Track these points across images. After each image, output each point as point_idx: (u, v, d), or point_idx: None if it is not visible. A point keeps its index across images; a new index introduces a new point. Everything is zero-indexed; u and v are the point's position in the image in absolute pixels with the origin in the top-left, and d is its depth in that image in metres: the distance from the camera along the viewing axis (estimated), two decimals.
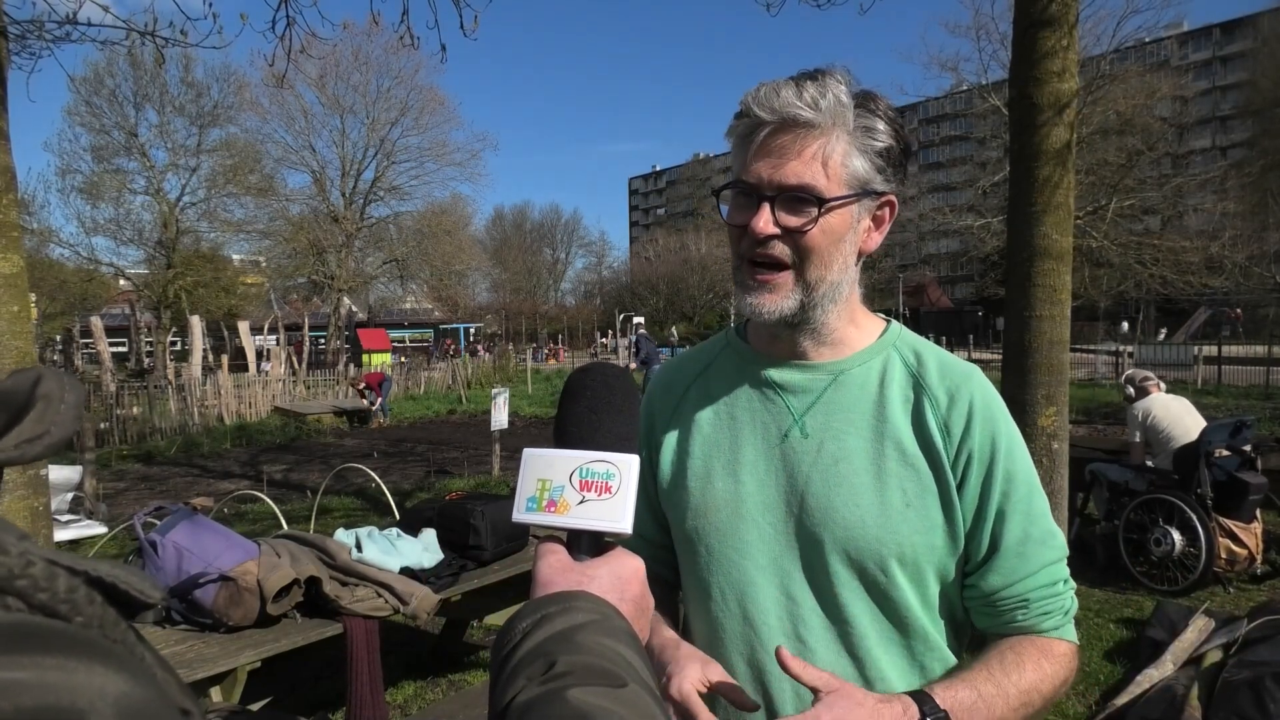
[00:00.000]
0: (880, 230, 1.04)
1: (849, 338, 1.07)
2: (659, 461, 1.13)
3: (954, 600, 1.04)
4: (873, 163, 0.97)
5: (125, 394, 15.26)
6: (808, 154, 0.94)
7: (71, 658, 0.28)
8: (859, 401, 1.04)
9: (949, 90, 26.29)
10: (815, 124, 0.93)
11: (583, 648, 0.55)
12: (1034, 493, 1.01)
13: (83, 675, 0.27)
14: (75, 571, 0.32)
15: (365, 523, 5.36)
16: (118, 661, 0.29)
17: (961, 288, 66.46)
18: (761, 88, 0.95)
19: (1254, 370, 18.32)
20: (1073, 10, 3.83)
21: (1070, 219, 3.89)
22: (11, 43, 3.75)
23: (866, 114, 0.96)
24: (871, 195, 0.99)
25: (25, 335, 2.98)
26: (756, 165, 0.96)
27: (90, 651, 0.29)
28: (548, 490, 0.72)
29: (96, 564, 0.33)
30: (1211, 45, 66.95)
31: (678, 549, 1.12)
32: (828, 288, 0.99)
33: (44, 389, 0.36)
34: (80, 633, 0.30)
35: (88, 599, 0.31)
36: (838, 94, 0.94)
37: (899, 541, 0.98)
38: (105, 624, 0.32)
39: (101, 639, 0.31)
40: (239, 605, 2.92)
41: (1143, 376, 5.91)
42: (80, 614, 0.31)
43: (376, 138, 36.16)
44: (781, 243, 0.96)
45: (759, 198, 0.95)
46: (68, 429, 0.36)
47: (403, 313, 47.37)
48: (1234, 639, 3.69)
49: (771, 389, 1.07)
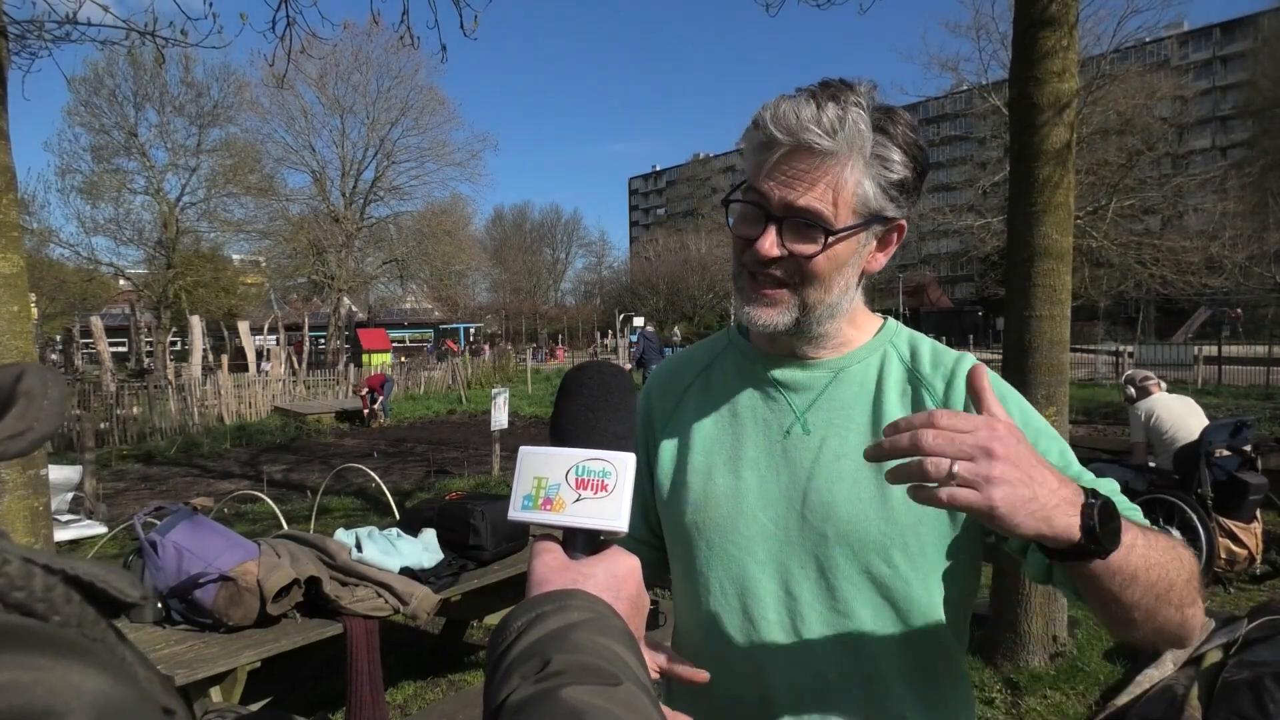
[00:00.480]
0: (886, 252, 1.04)
1: (848, 338, 1.08)
2: (659, 457, 1.13)
3: (960, 586, 1.04)
4: (886, 193, 0.95)
5: (125, 394, 15.26)
6: (820, 184, 0.92)
7: (48, 657, 0.27)
8: (859, 398, 1.05)
9: (949, 90, 26.31)
10: (831, 151, 0.91)
11: (577, 646, 0.55)
12: (1064, 447, 0.98)
13: (59, 675, 0.27)
14: (52, 570, 0.31)
15: (365, 523, 5.37)
16: (96, 661, 0.29)
17: (961, 288, 66.47)
18: (781, 104, 0.93)
19: (1254, 370, 18.31)
20: (1073, 10, 3.83)
21: (1070, 219, 3.89)
22: (11, 43, 3.75)
23: (884, 143, 0.94)
24: (880, 221, 0.98)
25: (25, 335, 2.98)
26: (768, 183, 0.94)
27: (67, 650, 0.28)
28: (544, 488, 0.72)
29: (74, 562, 0.33)
30: (1211, 45, 66.93)
31: (674, 545, 1.12)
32: (825, 309, 0.99)
33: (26, 385, 0.35)
34: (57, 632, 0.29)
35: (65, 597, 0.31)
36: (857, 121, 0.91)
37: (903, 533, 0.98)
38: (84, 623, 0.31)
39: (79, 638, 0.30)
40: (239, 605, 2.92)
41: (1143, 376, 5.89)
42: (58, 613, 0.30)
43: (376, 138, 36.20)
44: (785, 264, 0.97)
45: (767, 216, 0.95)
46: (50, 425, 0.35)
47: (403, 313, 47.38)
48: (1234, 639, 3.69)
49: (773, 386, 1.08)
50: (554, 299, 79.19)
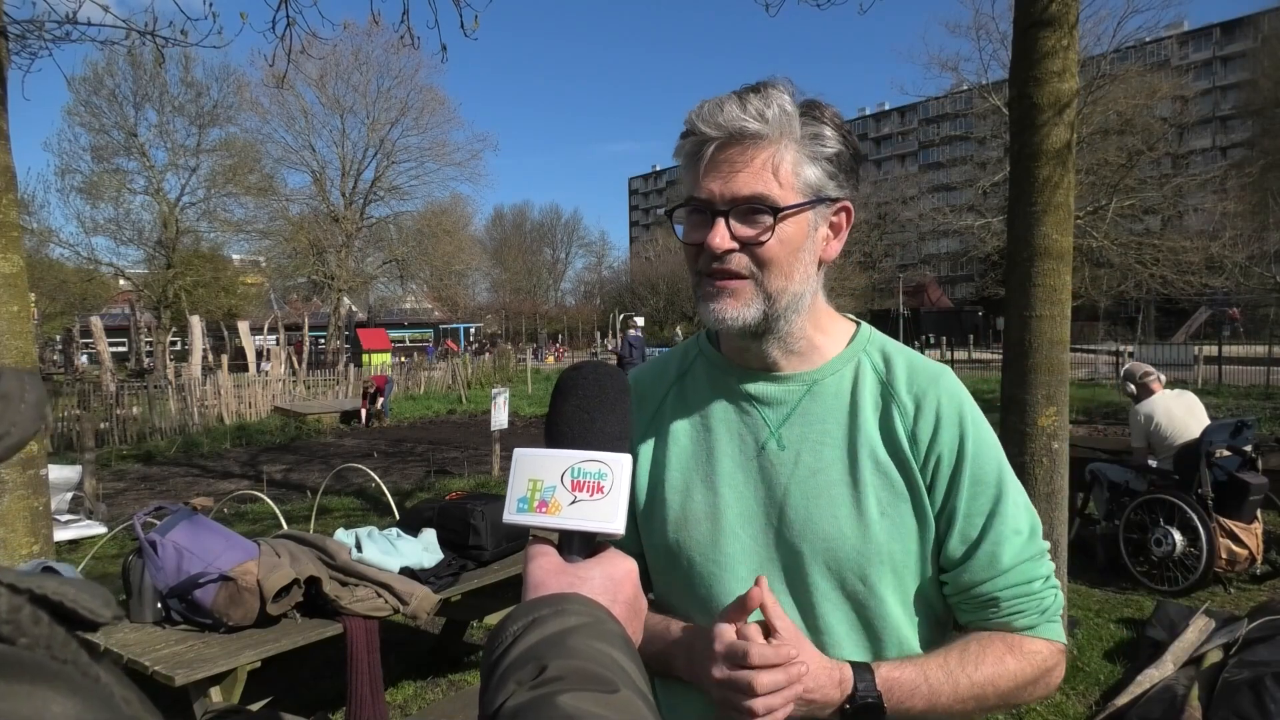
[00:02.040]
0: (839, 238, 1.03)
1: (818, 345, 1.06)
2: (635, 474, 1.11)
3: (934, 606, 1.05)
4: (824, 169, 0.97)
5: (125, 394, 15.25)
6: (757, 164, 0.94)
7: (15, 682, 0.26)
8: (833, 412, 1.04)
9: (949, 90, 26.25)
10: (762, 135, 0.93)
11: (574, 652, 0.55)
12: (1005, 493, 1.01)
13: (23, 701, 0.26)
14: (19, 590, 0.30)
15: (365, 523, 5.37)
16: (67, 683, 0.28)
17: (961, 288, 66.45)
18: (704, 105, 0.95)
19: (1254, 370, 18.31)
20: (1073, 10, 3.82)
21: (1070, 219, 3.89)
22: (11, 42, 3.75)
23: (812, 121, 0.96)
24: (826, 202, 0.98)
25: (25, 335, 2.98)
26: (707, 181, 0.95)
27: (35, 675, 0.27)
28: (539, 490, 0.72)
29: (43, 581, 0.32)
30: (1211, 45, 66.93)
31: (653, 561, 1.11)
32: (790, 298, 0.99)
33: (3, 388, 0.35)
34: (24, 656, 0.29)
35: (33, 619, 0.30)
36: (782, 104, 0.94)
37: (878, 550, 0.98)
38: (53, 644, 0.30)
39: (48, 661, 0.29)
40: (239, 605, 2.92)
41: (1143, 372, 5.82)
42: (24, 634, 0.29)
43: (376, 138, 36.20)
44: (740, 254, 0.96)
45: (713, 213, 0.95)
46: (29, 428, 0.34)
47: (403, 313, 47.39)
48: (1234, 639, 3.68)
49: (747, 400, 1.06)
50: (554, 299, 79.23)
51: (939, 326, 39.91)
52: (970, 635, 1.01)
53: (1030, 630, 1.01)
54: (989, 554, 0.99)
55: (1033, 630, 1.01)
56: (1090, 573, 5.36)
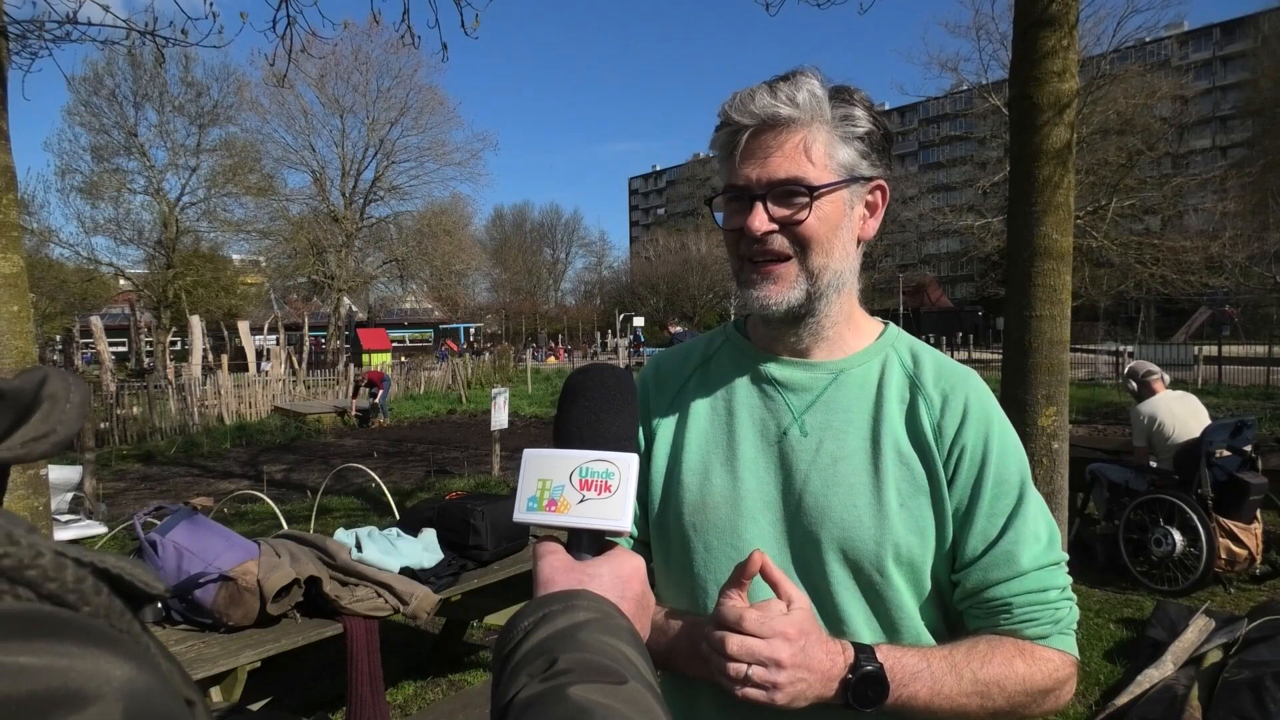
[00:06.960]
0: (875, 216, 1.05)
1: (848, 336, 1.07)
2: (654, 451, 1.11)
3: (949, 605, 1.04)
4: (856, 149, 0.99)
5: (125, 394, 15.25)
6: (790, 147, 0.96)
7: (79, 644, 0.29)
8: (858, 401, 1.04)
9: (949, 90, 26.30)
10: (794, 119, 0.95)
11: (584, 645, 0.56)
12: (1027, 497, 1.00)
13: (89, 661, 0.28)
14: (83, 563, 0.33)
15: (365, 523, 5.36)
16: (123, 649, 0.30)
17: (961, 288, 66.49)
18: (737, 95, 0.98)
19: (1254, 370, 18.33)
20: (1073, 10, 3.83)
21: (1070, 219, 3.89)
22: (11, 42, 3.75)
23: (843, 104, 0.99)
24: (860, 180, 1.00)
25: (25, 335, 2.98)
26: (743, 168, 0.97)
27: (97, 639, 0.30)
28: (548, 490, 0.72)
29: (103, 556, 0.34)
30: (1211, 45, 66.94)
31: (666, 544, 1.09)
32: (832, 275, 1.00)
33: (50, 389, 0.37)
34: (88, 621, 0.31)
35: (95, 589, 0.33)
36: (811, 89, 0.96)
37: (895, 541, 0.98)
38: (111, 614, 0.33)
39: (108, 628, 0.32)
40: (239, 605, 2.92)
41: (1146, 371, 5.79)
42: (88, 603, 0.32)
43: (376, 137, 36.22)
44: (780, 236, 0.98)
45: (751, 198, 0.97)
46: (72, 428, 0.37)
47: (403, 313, 47.41)
48: (1234, 639, 3.69)
49: (771, 385, 1.07)
50: (554, 299, 79.23)
51: (939, 326, 39.95)
52: (980, 635, 1.00)
53: (1043, 640, 0.99)
54: (1007, 553, 0.98)
55: (1045, 640, 0.99)
56: (1090, 573, 5.36)
